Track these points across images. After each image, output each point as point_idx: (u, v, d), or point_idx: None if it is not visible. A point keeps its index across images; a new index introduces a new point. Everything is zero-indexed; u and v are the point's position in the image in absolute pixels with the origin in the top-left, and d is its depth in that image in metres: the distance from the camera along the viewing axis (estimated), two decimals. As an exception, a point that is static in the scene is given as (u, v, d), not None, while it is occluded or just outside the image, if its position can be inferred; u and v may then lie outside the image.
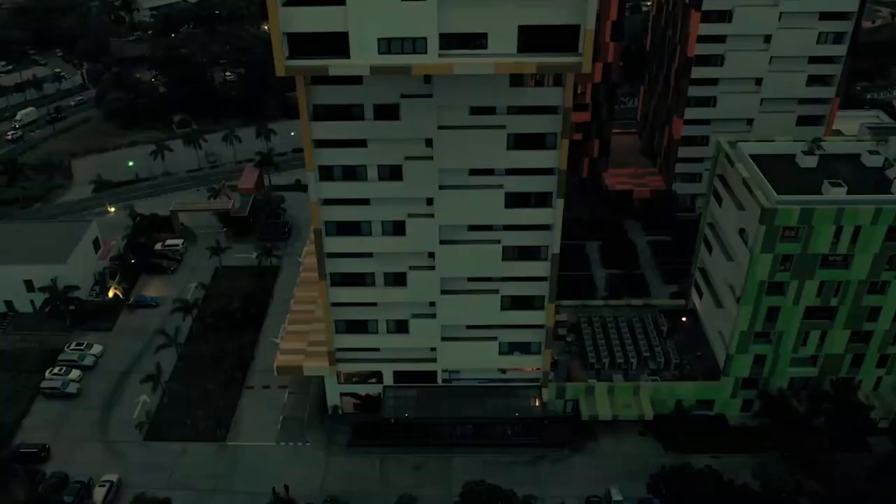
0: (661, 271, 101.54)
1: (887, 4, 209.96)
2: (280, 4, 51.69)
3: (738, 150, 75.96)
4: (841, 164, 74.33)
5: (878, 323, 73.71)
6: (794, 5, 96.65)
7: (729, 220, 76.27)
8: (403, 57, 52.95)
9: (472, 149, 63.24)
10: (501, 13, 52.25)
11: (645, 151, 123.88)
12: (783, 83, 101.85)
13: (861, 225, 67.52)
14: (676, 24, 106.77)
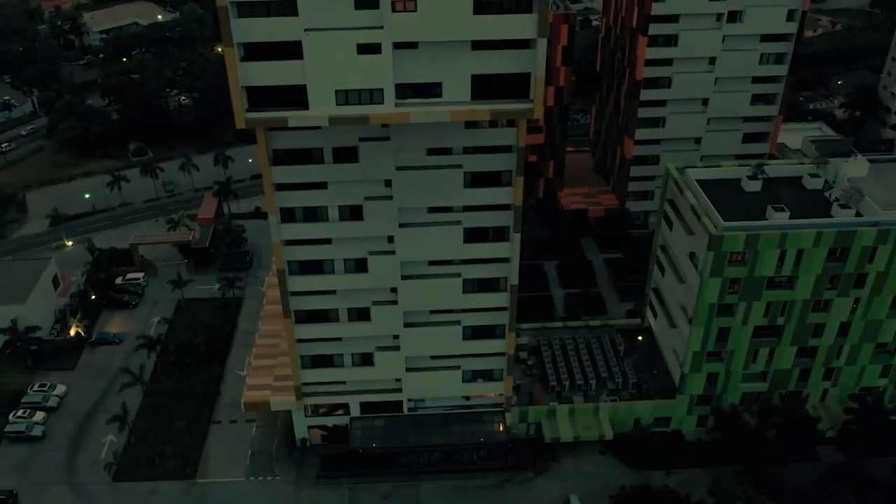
0: (617, 289, 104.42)
1: (827, 13, 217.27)
2: (238, 59, 52.82)
3: (686, 177, 78.98)
4: (784, 188, 77.85)
5: (822, 339, 77.25)
6: (737, 28, 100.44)
7: (679, 244, 79.22)
8: (361, 108, 54.49)
9: (430, 188, 64.93)
10: (455, 63, 54.12)
11: (598, 169, 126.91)
12: (728, 103, 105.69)
13: (803, 248, 70.85)
14: (625, 47, 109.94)
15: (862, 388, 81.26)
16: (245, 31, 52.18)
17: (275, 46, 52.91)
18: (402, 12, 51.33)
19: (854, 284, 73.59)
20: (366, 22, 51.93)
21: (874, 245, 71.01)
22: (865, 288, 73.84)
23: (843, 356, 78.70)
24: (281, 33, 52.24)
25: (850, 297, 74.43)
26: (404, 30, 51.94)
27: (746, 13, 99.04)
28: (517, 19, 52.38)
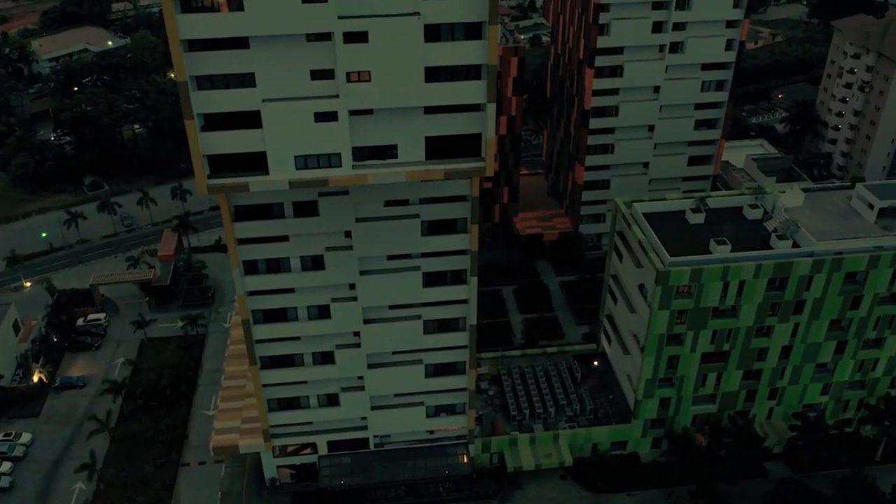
0: (573, 312, 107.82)
1: (768, 24, 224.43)
2: (199, 130, 54.54)
3: (634, 210, 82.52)
4: (725, 219, 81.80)
5: (766, 362, 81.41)
6: (679, 59, 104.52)
7: (629, 275, 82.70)
8: (320, 171, 56.66)
9: (388, 237, 67.18)
10: (409, 127, 56.54)
11: (552, 192, 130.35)
12: (673, 128, 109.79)
13: (745, 280, 74.78)
14: (573, 77, 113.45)
15: (805, 405, 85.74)
16: (205, 103, 53.91)
17: (234, 115, 54.74)
18: (357, 82, 53.56)
19: (793, 311, 77.83)
20: (322, 91, 54.13)
21: (810, 274, 75.27)
22: (804, 314, 78.13)
23: (786, 377, 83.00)
24: (240, 104, 54.11)
25: (790, 323, 78.66)
26: (359, 98, 54.22)
27: (687, 44, 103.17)
28: (467, 86, 54.98)
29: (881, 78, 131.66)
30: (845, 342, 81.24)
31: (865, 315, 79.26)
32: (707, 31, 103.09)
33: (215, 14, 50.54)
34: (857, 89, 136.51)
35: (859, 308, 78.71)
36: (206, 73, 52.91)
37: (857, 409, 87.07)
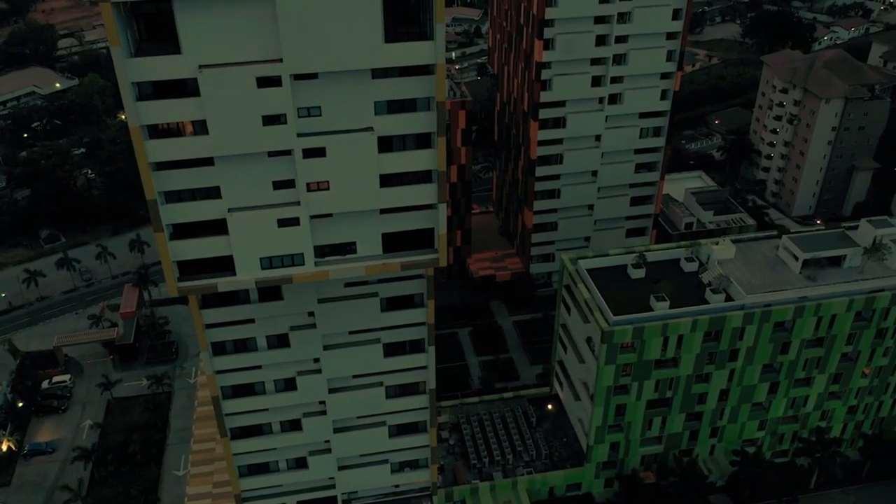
0: (526, 352, 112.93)
1: (704, 45, 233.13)
2: (168, 239, 57.86)
3: (579, 267, 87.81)
4: (664, 272, 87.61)
5: (706, 405, 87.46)
6: (618, 109, 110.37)
7: (577, 328, 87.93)
8: (284, 270, 60.38)
9: (350, 315, 70.94)
10: (366, 226, 60.60)
11: (503, 231, 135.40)
12: (616, 173, 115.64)
13: (683, 334, 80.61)
14: (519, 126, 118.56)
15: (744, 440, 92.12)
16: (174, 215, 57.26)
17: (201, 224, 58.19)
18: (317, 191, 57.48)
19: (729, 358, 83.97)
20: (284, 199, 57.88)
21: (742, 326, 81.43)
22: (738, 360, 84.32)
23: (725, 417, 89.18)
24: (207, 214, 57.57)
25: (727, 369, 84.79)
26: (319, 205, 58.11)
27: (625, 95, 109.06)
28: (419, 189, 59.28)
29: (808, 112, 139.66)
30: (778, 383, 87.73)
31: (794, 358, 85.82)
32: (643, 83, 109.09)
33: (182, 139, 53.93)
34: (787, 122, 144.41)
35: (788, 352, 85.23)
36: (174, 189, 56.22)
37: (791, 442, 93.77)
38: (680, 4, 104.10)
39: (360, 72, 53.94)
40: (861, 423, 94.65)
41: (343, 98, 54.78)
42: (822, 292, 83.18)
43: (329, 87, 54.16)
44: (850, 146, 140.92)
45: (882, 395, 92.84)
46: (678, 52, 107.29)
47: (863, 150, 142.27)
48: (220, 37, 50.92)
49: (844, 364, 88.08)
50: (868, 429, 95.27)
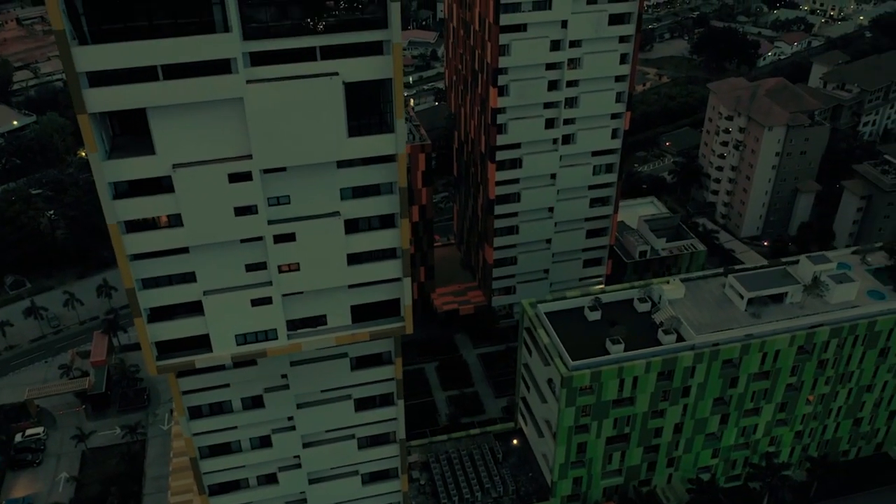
0: (491, 385, 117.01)
1: (654, 62, 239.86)
2: (146, 322, 60.57)
3: (539, 312, 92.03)
4: (619, 313, 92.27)
5: (662, 437, 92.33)
6: (571, 149, 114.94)
7: (539, 369, 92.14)
8: (258, 345, 63.46)
9: (321, 375, 74.02)
10: (336, 300, 63.93)
11: (465, 264, 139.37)
12: (571, 208, 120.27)
13: (638, 375, 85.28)
14: (477, 166, 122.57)
15: (699, 468, 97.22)
16: (150, 299, 59.95)
17: (178, 305, 61.02)
18: (288, 272, 60.70)
19: (681, 395, 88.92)
20: (257, 280, 60.95)
21: (693, 365, 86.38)
22: (691, 396, 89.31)
23: (680, 447, 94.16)
24: (183, 297, 60.40)
25: (680, 405, 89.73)
26: (291, 284, 61.28)
27: (578, 136, 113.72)
28: (385, 265, 62.83)
29: (752, 138, 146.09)
30: (728, 414, 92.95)
31: (743, 391, 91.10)
32: (594, 123, 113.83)
33: (158, 231, 56.74)
34: (733, 147, 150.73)
35: (737, 386, 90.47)
36: (150, 276, 58.99)
37: (743, 467, 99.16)
38: (627, 50, 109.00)
39: (326, 163, 57.29)
40: (807, 446, 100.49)
41: (310, 187, 58.03)
42: (766, 329, 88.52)
43: (297, 178, 57.38)
44: (793, 170, 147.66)
45: (826, 420, 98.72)
46: (626, 94, 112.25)
47: (805, 172, 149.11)
48: (193, 137, 53.80)
49: (789, 394, 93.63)
50: (814, 451, 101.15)
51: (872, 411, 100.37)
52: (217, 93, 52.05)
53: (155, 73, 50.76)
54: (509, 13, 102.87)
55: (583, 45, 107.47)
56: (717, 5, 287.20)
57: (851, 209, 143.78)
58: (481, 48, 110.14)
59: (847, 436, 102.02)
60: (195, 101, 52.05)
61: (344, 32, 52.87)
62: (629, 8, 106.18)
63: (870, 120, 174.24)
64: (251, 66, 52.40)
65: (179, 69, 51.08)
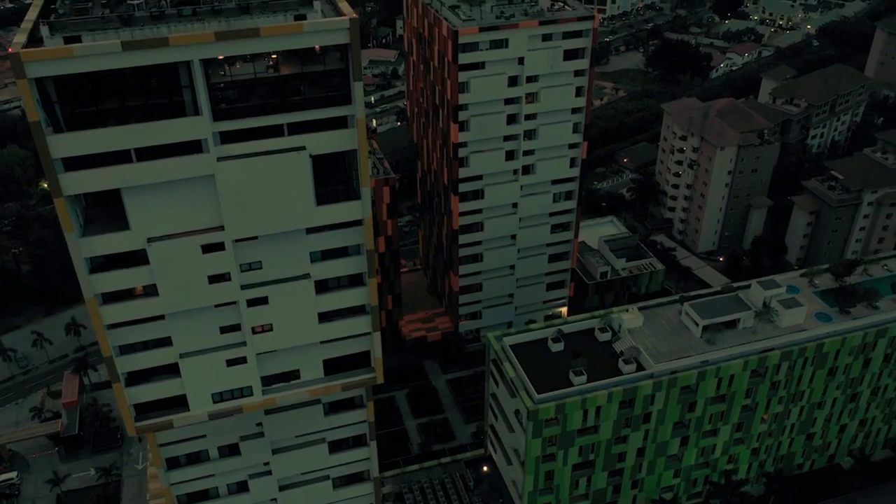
0: (461, 411, 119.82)
1: (610, 76, 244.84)
2: (124, 385, 62.43)
3: (504, 345, 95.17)
4: (581, 343, 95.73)
5: (626, 461, 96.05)
6: (531, 179, 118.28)
7: (506, 400, 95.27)
8: (234, 402, 65.72)
9: (296, 421, 76.23)
10: (308, 355, 66.46)
11: (431, 290, 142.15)
12: (533, 235, 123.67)
13: (600, 405, 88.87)
14: (440, 196, 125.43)
15: (662, 488, 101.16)
16: (128, 364, 61.87)
17: (156, 367, 63.03)
18: (261, 332, 63.02)
19: (643, 421, 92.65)
20: (231, 341, 63.21)
21: (652, 393, 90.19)
22: (652, 422, 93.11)
23: (643, 470, 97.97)
24: (159, 360, 62.42)
25: (642, 430, 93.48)
26: (264, 344, 63.71)
27: (537, 166, 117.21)
28: (355, 321, 65.58)
29: (706, 158, 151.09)
30: (688, 436, 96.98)
31: (701, 414, 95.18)
32: (553, 153, 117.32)
33: (135, 302, 58.71)
34: (687, 166, 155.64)
35: (695, 410, 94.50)
36: (128, 343, 60.89)
37: (703, 485, 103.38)
38: (582, 83, 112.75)
39: (296, 230, 59.74)
40: (764, 462, 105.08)
41: (281, 252, 60.50)
42: (721, 355, 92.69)
43: (268, 244, 59.80)
44: (745, 186, 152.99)
45: (780, 437, 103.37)
46: (583, 125, 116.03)
47: (757, 189, 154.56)
48: (166, 212, 55.98)
49: (745, 414, 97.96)
50: (770, 466, 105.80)
51: (824, 426, 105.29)
52: (189, 171, 54.30)
53: (129, 155, 52.75)
54: (467, 52, 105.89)
55: (539, 80, 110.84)
56: (670, 17, 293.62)
57: (801, 224, 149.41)
58: (441, 84, 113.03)
59: (801, 450, 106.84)
60: (168, 180, 54.14)
61: (310, 110, 55.37)
62: (583, 43, 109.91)
63: (818, 133, 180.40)
64: (221, 145, 54.63)
65: (152, 150, 53.16)
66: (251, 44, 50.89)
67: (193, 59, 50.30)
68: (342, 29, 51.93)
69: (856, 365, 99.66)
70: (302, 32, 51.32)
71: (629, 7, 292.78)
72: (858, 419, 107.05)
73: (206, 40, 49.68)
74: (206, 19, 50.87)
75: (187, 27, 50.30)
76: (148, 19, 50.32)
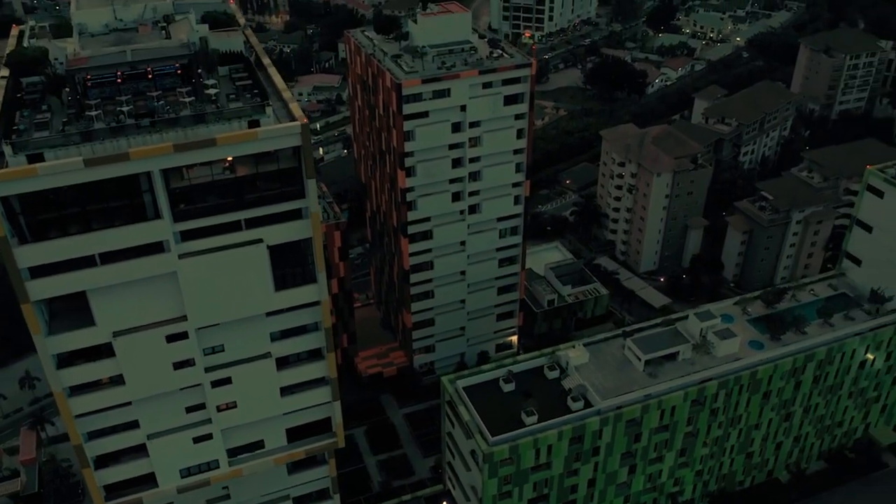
0: (419, 445, 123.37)
1: (550, 94, 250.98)
2: (93, 469, 64.55)
3: (458, 387, 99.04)
4: (531, 381, 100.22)
5: (578, 493, 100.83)
6: (477, 217, 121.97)
7: (462, 440, 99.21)
8: (201, 476, 68.32)
9: (260, 483, 78.57)
10: (272, 425, 69.42)
11: (385, 324, 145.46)
12: (482, 270, 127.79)
13: (551, 444, 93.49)
14: (390, 236, 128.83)
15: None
16: (97, 448, 64.04)
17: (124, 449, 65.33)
18: (226, 410, 65.77)
19: (592, 454, 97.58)
20: (197, 419, 65.84)
21: (600, 428, 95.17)
22: (600, 455, 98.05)
23: (595, 499, 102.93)
24: (128, 443, 64.72)
25: (591, 463, 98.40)
26: (229, 420, 66.48)
27: (483, 206, 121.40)
28: (315, 393, 68.82)
29: (643, 183, 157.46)
30: (635, 465, 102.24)
31: (646, 444, 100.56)
32: (497, 192, 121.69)
33: (101, 392, 60.96)
34: (627, 190, 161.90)
35: (641, 441, 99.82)
36: (96, 429, 63.05)
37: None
38: (522, 125, 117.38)
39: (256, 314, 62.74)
40: (707, 482, 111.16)
41: (243, 335, 63.41)
42: (663, 388, 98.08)
43: (230, 329, 62.64)
44: (682, 208, 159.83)
45: (722, 458, 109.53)
46: (525, 164, 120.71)
47: (693, 210, 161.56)
48: (130, 307, 58.46)
49: (688, 440, 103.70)
50: (713, 486, 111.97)
51: (761, 445, 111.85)
52: (152, 270, 56.92)
53: (93, 259, 55.11)
54: (411, 103, 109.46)
55: (482, 125, 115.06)
56: (606, 32, 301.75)
57: (736, 243, 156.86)
58: (387, 132, 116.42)
59: (741, 468, 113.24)
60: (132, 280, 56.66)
61: (266, 205, 58.41)
62: (522, 89, 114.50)
63: (749, 150, 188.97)
64: (182, 242, 57.32)
65: (116, 253, 55.60)
66: (208, 152, 53.73)
67: (153, 169, 52.94)
68: (294, 134, 55.10)
69: (788, 388, 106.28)
70: (256, 139, 54.36)
71: (566, 24, 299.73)
72: (793, 436, 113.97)
73: (165, 152, 52.39)
74: (163, 130, 53.47)
75: (146, 139, 52.87)
76: (107, 132, 52.74)
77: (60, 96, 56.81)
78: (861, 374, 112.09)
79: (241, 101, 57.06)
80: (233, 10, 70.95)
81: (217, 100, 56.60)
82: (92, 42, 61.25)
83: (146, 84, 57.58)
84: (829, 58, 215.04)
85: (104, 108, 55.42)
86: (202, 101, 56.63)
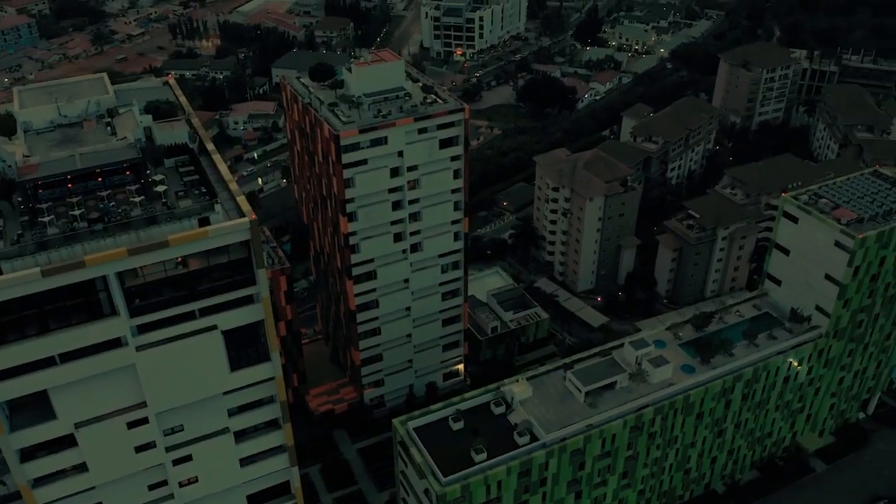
0: (373, 479, 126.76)
1: (485, 112, 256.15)
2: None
3: (409, 428, 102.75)
4: (479, 418, 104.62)
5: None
6: (420, 255, 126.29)
7: (415, 480, 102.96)
8: (167, 548, 70.52)
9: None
10: (234, 494, 72.08)
11: (333, 359, 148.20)
12: (426, 305, 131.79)
13: (501, 479, 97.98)
14: (335, 277, 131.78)
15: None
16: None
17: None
18: (188, 485, 68.25)
19: (540, 485, 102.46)
20: (160, 496, 68.14)
21: (546, 460, 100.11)
22: (548, 484, 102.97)
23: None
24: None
25: (539, 493, 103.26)
26: (191, 493, 68.96)
27: (424, 244, 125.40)
28: (274, 461, 71.78)
29: (577, 207, 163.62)
30: (581, 490, 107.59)
31: (591, 471, 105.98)
32: (437, 231, 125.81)
33: (65, 480, 62.85)
34: (562, 214, 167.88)
35: (585, 468, 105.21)
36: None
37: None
38: (458, 166, 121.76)
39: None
40: (649, 499, 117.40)
41: (201, 414, 66.00)
42: (603, 417, 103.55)
43: (189, 409, 65.18)
44: (615, 229, 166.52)
45: (661, 476, 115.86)
46: (462, 202, 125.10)
47: (625, 230, 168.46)
48: (91, 399, 60.58)
49: (629, 463, 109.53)
50: (655, 502, 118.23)
51: (698, 461, 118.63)
52: (111, 365, 59.30)
53: (52, 360, 57.16)
54: (350, 152, 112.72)
55: (419, 168, 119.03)
56: (535, 47, 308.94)
57: (667, 260, 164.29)
58: (327, 178, 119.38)
59: (680, 484, 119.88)
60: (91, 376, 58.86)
61: (219, 294, 61.20)
62: (456, 132, 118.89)
63: (675, 165, 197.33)
64: (139, 335, 59.75)
65: (74, 351, 57.73)
66: (162, 253, 56.31)
67: (109, 272, 55.30)
68: (244, 230, 58.08)
69: (719, 407, 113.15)
70: (208, 237, 57.15)
71: (496, 40, 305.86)
72: (727, 450, 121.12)
73: (120, 257, 54.81)
74: (116, 234, 55.85)
75: (100, 244, 55.19)
76: (62, 240, 54.86)
77: (11, 201, 58.54)
78: (786, 388, 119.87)
79: (189, 198, 59.62)
80: (174, 90, 73.32)
81: (166, 198, 59.12)
82: (38, 141, 63.02)
83: (95, 184, 59.71)
84: (747, 72, 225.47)
85: (56, 212, 57.41)
86: (151, 200, 59.08)
